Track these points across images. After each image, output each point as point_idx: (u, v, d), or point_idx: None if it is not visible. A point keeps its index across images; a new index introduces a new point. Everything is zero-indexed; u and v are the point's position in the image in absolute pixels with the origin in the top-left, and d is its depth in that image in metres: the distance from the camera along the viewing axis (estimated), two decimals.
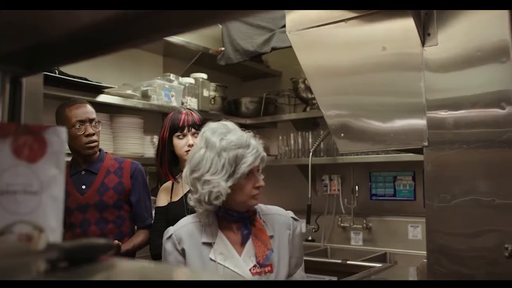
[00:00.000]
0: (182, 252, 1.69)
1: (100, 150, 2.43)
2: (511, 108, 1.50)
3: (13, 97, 0.96)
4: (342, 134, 1.81)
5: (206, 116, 3.64)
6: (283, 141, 3.90)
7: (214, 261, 1.65)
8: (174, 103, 3.27)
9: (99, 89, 2.78)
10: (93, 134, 2.29)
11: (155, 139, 3.30)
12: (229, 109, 3.96)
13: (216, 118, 3.77)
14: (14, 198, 0.78)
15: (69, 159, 2.43)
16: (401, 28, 1.65)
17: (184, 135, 2.28)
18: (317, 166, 3.77)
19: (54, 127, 0.85)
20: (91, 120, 2.30)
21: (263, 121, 3.99)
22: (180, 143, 2.27)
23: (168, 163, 2.32)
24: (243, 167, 1.59)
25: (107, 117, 2.99)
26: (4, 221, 0.76)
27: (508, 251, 1.46)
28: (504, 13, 1.50)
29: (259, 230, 1.69)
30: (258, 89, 4.17)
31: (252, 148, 1.62)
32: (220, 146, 1.63)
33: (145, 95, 3.13)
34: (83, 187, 2.32)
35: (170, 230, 1.75)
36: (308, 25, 1.78)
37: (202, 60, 3.62)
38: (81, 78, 2.65)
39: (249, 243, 1.67)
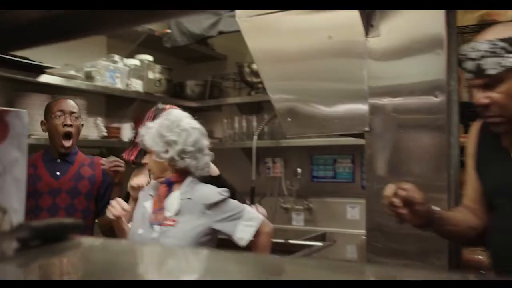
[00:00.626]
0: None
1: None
2: (443, 96, 1.62)
3: None
4: (289, 119, 1.88)
5: (151, 99, 3.62)
6: (227, 124, 3.94)
7: (145, 207, 2.03)
8: (119, 84, 3.23)
9: (41, 69, 2.70)
10: (70, 126, 2.40)
11: (99, 121, 3.26)
12: (174, 92, 3.95)
13: (161, 101, 3.77)
14: None
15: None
16: (346, 18, 1.73)
17: None
18: (261, 149, 3.85)
19: (16, 110, 0.85)
20: (71, 113, 2.42)
21: (208, 104, 4.02)
22: None
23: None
24: None
25: (49, 98, 2.91)
26: None
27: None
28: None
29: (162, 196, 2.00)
30: (202, 72, 4.18)
31: None
32: None
33: (88, 76, 3.07)
34: (58, 173, 2.42)
35: None
36: (258, 12, 1.83)
37: (146, 42, 3.58)
38: (22, 58, 2.56)
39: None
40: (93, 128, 3.23)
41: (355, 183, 3.72)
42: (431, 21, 1.63)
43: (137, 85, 3.38)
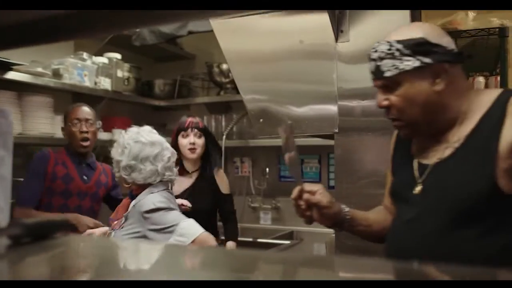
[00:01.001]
0: None
1: None
2: None
3: None
4: (261, 119, 1.92)
5: (119, 97, 3.61)
6: None
7: None
8: (87, 82, 3.21)
9: (8, 66, 2.65)
10: (86, 132, 2.67)
11: None
12: (142, 91, 3.94)
13: (130, 100, 3.76)
14: None
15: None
16: (317, 22, 1.78)
17: (188, 135, 2.68)
18: (229, 149, 3.89)
19: (0, 108, 0.86)
20: (86, 120, 2.69)
21: (176, 103, 4.02)
22: (184, 141, 2.69)
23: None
24: None
25: (15, 95, 2.86)
26: None
27: None
28: (406, 13, 1.68)
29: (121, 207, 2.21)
30: (171, 71, 4.18)
31: None
32: None
33: (56, 74, 3.03)
34: (85, 177, 2.70)
35: None
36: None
37: (114, 40, 3.55)
38: None
39: None
40: (60, 126, 3.18)
41: (321, 183, 3.80)
42: (398, 25, 1.69)
43: (105, 83, 3.36)
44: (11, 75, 2.69)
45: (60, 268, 0.65)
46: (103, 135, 3.39)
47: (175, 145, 2.68)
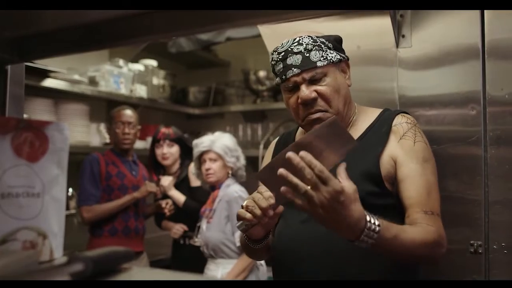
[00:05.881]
0: None
1: None
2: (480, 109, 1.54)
3: None
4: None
5: (154, 105, 3.54)
6: (230, 132, 3.85)
7: None
8: (123, 90, 3.14)
9: (45, 73, 2.60)
10: (128, 133, 2.86)
11: (102, 127, 3.17)
12: (177, 98, 3.86)
13: (165, 107, 3.68)
14: (17, 201, 0.70)
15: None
16: (376, 26, 1.66)
17: (161, 145, 2.97)
18: None
19: (56, 122, 0.77)
20: (129, 123, 2.88)
21: (210, 111, 3.94)
22: (158, 151, 3.03)
23: (153, 166, 3.10)
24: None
25: (52, 103, 2.81)
26: (6, 227, 0.68)
27: None
28: (475, 13, 1.54)
29: None
30: (205, 78, 4.10)
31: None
32: None
33: (92, 81, 2.98)
34: (134, 172, 2.94)
35: None
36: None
37: (149, 46, 3.48)
38: None
39: None
40: (96, 134, 3.13)
41: None
42: (465, 30, 1.56)
43: (141, 91, 3.29)
44: (48, 82, 2.63)
45: None
46: (137, 144, 3.31)
47: (150, 151, 3.06)
